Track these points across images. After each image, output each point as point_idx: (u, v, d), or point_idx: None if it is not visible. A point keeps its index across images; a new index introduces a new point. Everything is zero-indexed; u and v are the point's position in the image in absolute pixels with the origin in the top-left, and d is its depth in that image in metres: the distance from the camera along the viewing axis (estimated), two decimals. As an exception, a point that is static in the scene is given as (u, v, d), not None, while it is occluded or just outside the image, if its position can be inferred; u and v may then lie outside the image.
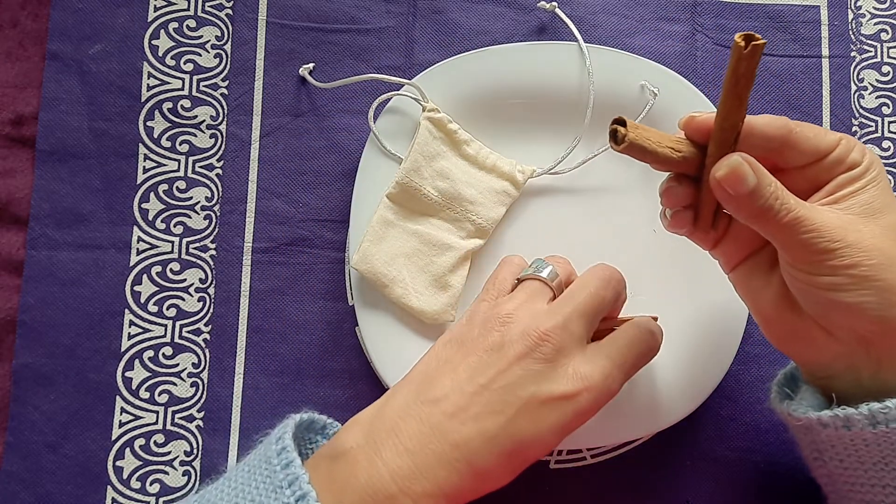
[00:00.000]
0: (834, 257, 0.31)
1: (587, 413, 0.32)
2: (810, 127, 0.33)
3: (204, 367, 0.43)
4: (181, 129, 0.45)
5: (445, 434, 0.30)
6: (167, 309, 0.43)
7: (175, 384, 0.43)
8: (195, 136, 0.45)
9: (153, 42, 0.45)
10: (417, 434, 0.30)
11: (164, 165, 0.44)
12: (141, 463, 0.42)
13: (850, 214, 0.32)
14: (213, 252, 0.44)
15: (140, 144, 0.44)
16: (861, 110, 0.47)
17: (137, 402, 0.43)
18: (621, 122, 0.31)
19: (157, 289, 0.44)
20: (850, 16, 0.47)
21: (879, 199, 0.32)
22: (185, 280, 0.44)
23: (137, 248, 0.44)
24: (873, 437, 0.31)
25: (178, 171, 0.45)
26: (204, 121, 0.45)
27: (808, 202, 0.32)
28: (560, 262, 0.38)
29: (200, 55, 0.45)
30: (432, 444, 0.30)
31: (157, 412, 0.43)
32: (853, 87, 0.47)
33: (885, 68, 0.47)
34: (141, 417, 0.42)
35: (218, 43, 0.46)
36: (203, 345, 0.43)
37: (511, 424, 0.31)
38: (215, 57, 0.45)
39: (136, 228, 0.44)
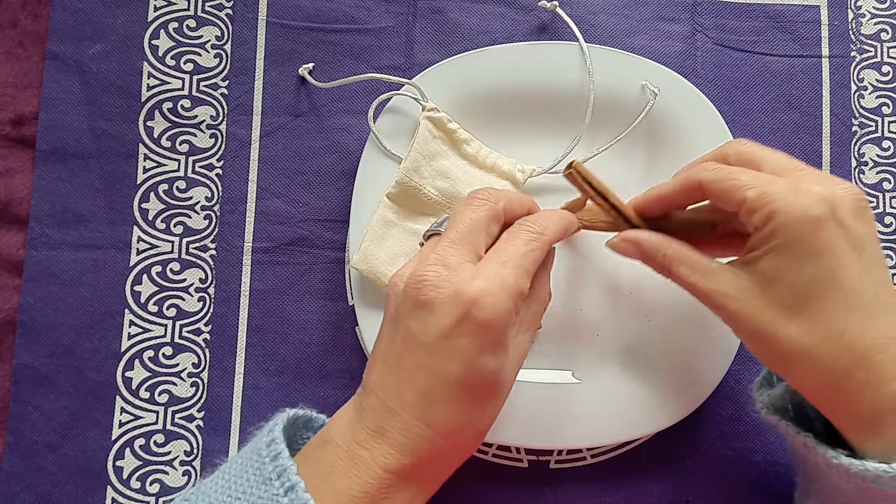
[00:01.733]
0: (730, 322, 0.34)
1: (492, 320, 0.30)
2: (735, 178, 0.33)
3: (204, 367, 0.43)
4: (181, 129, 0.45)
5: (393, 410, 0.31)
6: (167, 309, 0.43)
7: (175, 384, 0.43)
8: (195, 136, 0.45)
9: (153, 42, 0.45)
10: (380, 413, 0.31)
11: (164, 165, 0.44)
12: (141, 463, 0.42)
13: (748, 279, 0.33)
14: (213, 252, 0.44)
15: (140, 144, 0.44)
16: (861, 110, 0.47)
17: (137, 402, 0.43)
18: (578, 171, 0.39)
19: (157, 289, 0.43)
20: (850, 16, 0.47)
21: (778, 268, 0.32)
22: (185, 280, 0.44)
23: (137, 248, 0.44)
24: (811, 457, 0.33)
25: (178, 171, 0.45)
26: (204, 121, 0.45)
27: (741, 255, 0.34)
28: (476, 202, 0.35)
29: (200, 55, 0.45)
30: (390, 421, 0.31)
31: (157, 412, 0.43)
32: (853, 87, 0.47)
33: (885, 68, 0.47)
34: (141, 417, 0.42)
35: (218, 43, 0.46)
36: (203, 345, 0.43)
37: (434, 373, 0.30)
38: (215, 57, 0.45)
39: (136, 228, 0.44)
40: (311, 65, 0.45)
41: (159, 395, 0.43)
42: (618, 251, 0.38)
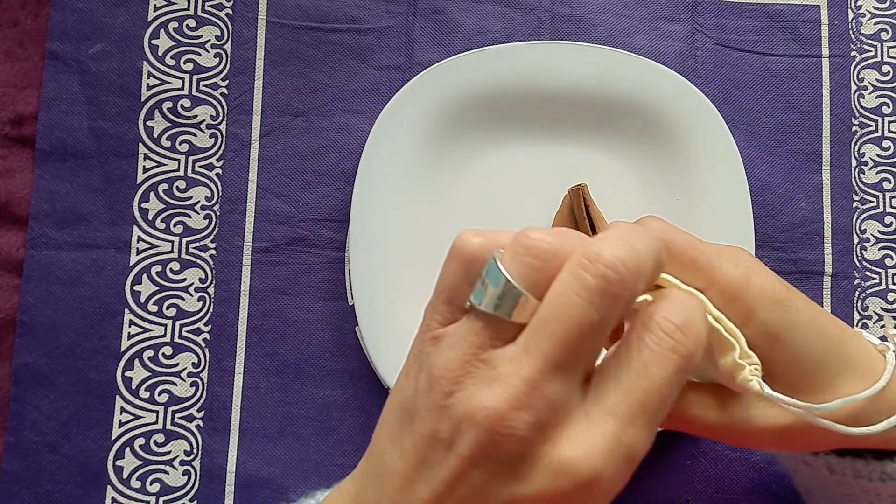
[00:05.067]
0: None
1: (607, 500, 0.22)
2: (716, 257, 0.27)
3: (204, 367, 0.43)
4: (181, 129, 0.45)
5: None
6: (167, 308, 0.43)
7: (175, 384, 0.43)
8: (195, 135, 0.45)
9: (153, 42, 0.45)
10: None
11: (164, 165, 0.44)
12: (141, 462, 0.42)
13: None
14: (213, 252, 0.44)
15: (140, 144, 0.44)
16: (861, 110, 0.47)
17: (137, 402, 0.43)
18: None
19: (157, 288, 0.43)
20: (851, 15, 0.47)
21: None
22: (184, 280, 0.44)
23: (137, 248, 0.44)
24: (832, 479, 0.31)
25: (177, 170, 0.45)
26: (204, 120, 0.45)
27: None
28: (534, 250, 0.22)
29: (200, 55, 0.45)
30: None
31: (157, 412, 0.43)
32: (853, 87, 0.47)
33: (885, 68, 0.47)
34: (141, 417, 0.42)
35: (218, 42, 0.46)
36: (203, 344, 0.43)
37: None
38: (215, 56, 0.45)
39: (135, 228, 0.44)
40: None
41: (159, 394, 0.43)
42: None
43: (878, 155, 0.46)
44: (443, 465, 0.22)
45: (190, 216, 0.44)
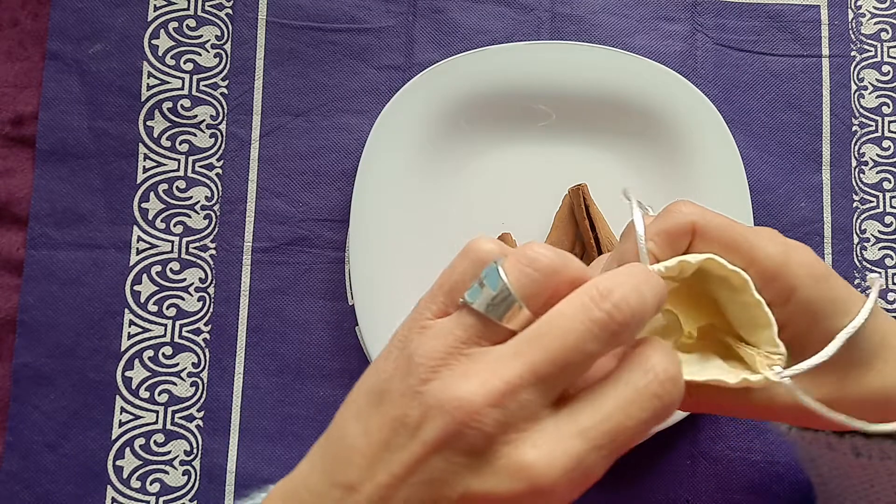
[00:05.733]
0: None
1: None
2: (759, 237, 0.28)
3: (204, 367, 0.43)
4: (181, 129, 0.45)
5: None
6: (167, 308, 0.43)
7: (175, 384, 0.43)
8: (195, 135, 0.45)
9: (153, 42, 0.45)
10: None
11: (164, 165, 0.44)
12: (141, 462, 0.42)
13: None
14: (213, 252, 0.44)
15: (140, 144, 0.44)
16: (861, 110, 0.47)
17: (137, 402, 0.43)
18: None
19: (157, 288, 0.43)
20: (851, 15, 0.47)
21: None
22: (184, 280, 0.44)
23: (137, 248, 0.44)
24: (857, 462, 0.31)
25: (177, 170, 0.45)
26: (204, 120, 0.45)
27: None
28: (537, 262, 0.23)
29: (200, 55, 0.45)
30: None
31: (157, 412, 0.43)
32: (853, 87, 0.47)
33: (885, 68, 0.47)
34: (141, 417, 0.42)
35: (218, 42, 0.46)
36: (203, 344, 0.43)
37: None
38: (215, 56, 0.45)
39: (135, 228, 0.44)
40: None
41: (159, 394, 0.43)
42: None
43: (878, 155, 0.46)
44: (405, 450, 0.22)
45: (190, 216, 0.44)
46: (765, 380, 0.26)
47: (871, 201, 0.46)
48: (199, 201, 0.44)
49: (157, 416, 0.43)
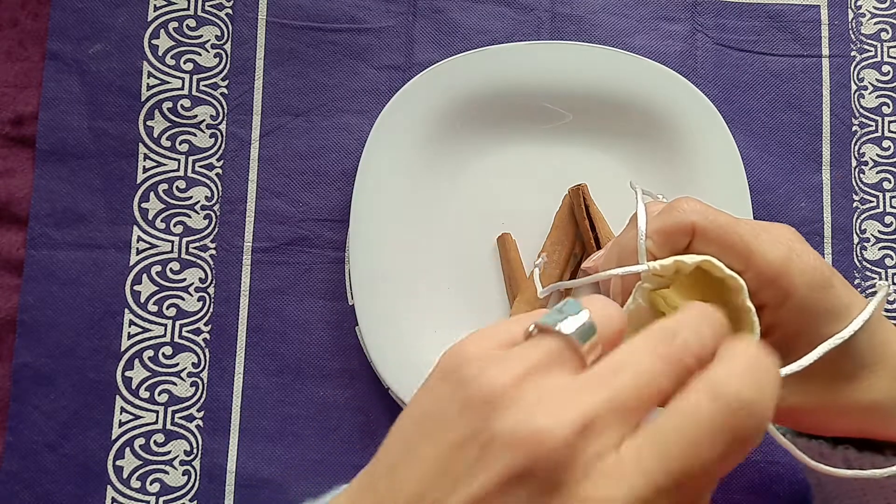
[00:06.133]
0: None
1: None
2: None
3: (204, 367, 0.43)
4: (181, 129, 0.45)
5: None
6: (167, 308, 0.43)
7: (175, 384, 0.43)
8: (195, 135, 0.45)
9: (153, 42, 0.45)
10: None
11: (164, 165, 0.44)
12: (141, 462, 0.42)
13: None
14: (213, 252, 0.44)
15: (140, 144, 0.44)
16: (861, 110, 0.47)
17: (137, 402, 0.43)
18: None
19: (157, 288, 0.43)
20: (851, 15, 0.47)
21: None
22: (184, 280, 0.44)
23: (137, 248, 0.44)
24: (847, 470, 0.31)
25: (177, 170, 0.45)
26: (204, 120, 0.45)
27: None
28: (603, 306, 0.23)
29: (200, 55, 0.45)
30: None
31: (157, 412, 0.43)
32: (853, 87, 0.47)
33: (885, 68, 0.47)
34: (141, 417, 0.42)
35: (218, 42, 0.46)
36: (203, 344, 0.43)
37: None
38: (215, 56, 0.45)
39: (135, 228, 0.44)
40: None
41: (159, 394, 0.43)
42: None
43: (878, 155, 0.46)
44: (470, 481, 0.20)
45: (190, 216, 0.44)
46: None
47: (872, 201, 0.46)
48: (199, 201, 0.44)
49: (157, 416, 0.43)
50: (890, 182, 0.46)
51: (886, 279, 0.45)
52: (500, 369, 0.21)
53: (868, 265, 0.45)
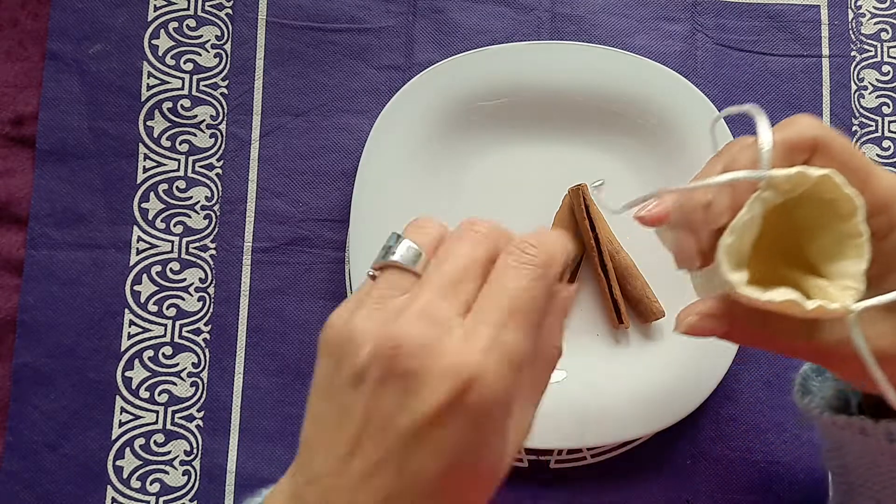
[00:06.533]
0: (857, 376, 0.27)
1: (491, 405, 0.23)
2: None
3: (204, 367, 0.43)
4: (181, 129, 0.45)
5: None
6: (167, 308, 0.43)
7: (175, 384, 0.43)
8: (195, 135, 0.45)
9: (153, 42, 0.45)
10: None
11: (164, 165, 0.44)
12: (141, 462, 0.42)
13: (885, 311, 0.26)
14: (213, 252, 0.44)
15: (140, 144, 0.44)
16: (861, 110, 0.47)
17: (137, 402, 0.43)
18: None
19: (157, 288, 0.43)
20: (851, 15, 0.47)
21: None
22: (184, 280, 0.44)
23: (137, 248, 0.44)
24: (889, 448, 0.30)
25: (177, 170, 0.45)
26: (204, 120, 0.45)
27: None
28: (423, 229, 0.27)
29: (200, 55, 0.45)
30: None
31: (157, 412, 0.43)
32: (853, 87, 0.47)
33: (885, 68, 0.47)
34: (141, 417, 0.42)
35: (218, 42, 0.46)
36: (203, 344, 0.43)
37: (407, 471, 0.23)
38: (215, 56, 0.45)
39: (135, 228, 0.44)
40: (600, 181, 0.36)
41: (159, 394, 0.43)
42: (695, 334, 0.29)
43: (878, 155, 0.46)
44: (356, 404, 0.23)
45: (190, 216, 0.44)
46: (843, 308, 0.25)
47: (871, 201, 0.46)
48: (199, 201, 0.44)
49: (157, 416, 0.43)
50: None
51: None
52: (353, 312, 0.25)
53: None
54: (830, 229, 0.27)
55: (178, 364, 0.43)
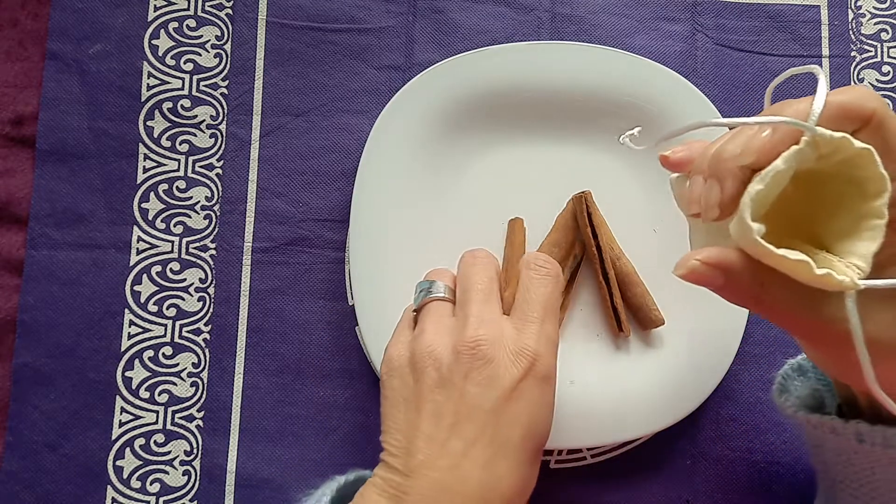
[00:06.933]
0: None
1: (551, 374, 0.32)
2: None
3: (204, 367, 0.43)
4: (181, 129, 0.45)
5: (453, 491, 0.29)
6: (167, 309, 0.43)
7: (175, 384, 0.43)
8: (195, 135, 0.45)
9: (153, 42, 0.45)
10: (437, 497, 0.29)
11: (164, 165, 0.44)
12: (141, 462, 0.42)
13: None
14: (213, 252, 0.44)
15: (140, 144, 0.44)
16: (861, 110, 0.47)
17: (137, 402, 0.43)
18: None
19: (157, 288, 0.44)
20: (851, 15, 0.47)
21: None
22: (185, 280, 0.44)
23: (137, 248, 0.44)
24: (860, 448, 0.31)
25: (178, 170, 0.45)
26: (204, 120, 0.45)
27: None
28: (442, 273, 0.37)
29: (200, 55, 0.45)
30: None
31: (157, 412, 0.43)
32: (853, 87, 0.47)
33: (885, 68, 0.47)
34: (141, 417, 0.42)
35: (218, 43, 0.46)
36: (203, 344, 0.43)
37: (497, 438, 0.30)
38: (215, 57, 0.45)
39: (136, 228, 0.44)
40: (636, 130, 0.36)
41: (159, 394, 0.43)
42: (693, 279, 0.28)
43: (878, 155, 0.46)
44: (447, 402, 0.30)
45: (190, 216, 0.44)
46: (850, 282, 0.25)
47: (871, 201, 0.46)
48: (199, 201, 0.44)
49: (157, 417, 0.43)
50: (890, 182, 0.46)
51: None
52: (419, 337, 0.33)
53: (868, 265, 0.45)
54: (849, 209, 0.26)
55: (178, 364, 0.43)
